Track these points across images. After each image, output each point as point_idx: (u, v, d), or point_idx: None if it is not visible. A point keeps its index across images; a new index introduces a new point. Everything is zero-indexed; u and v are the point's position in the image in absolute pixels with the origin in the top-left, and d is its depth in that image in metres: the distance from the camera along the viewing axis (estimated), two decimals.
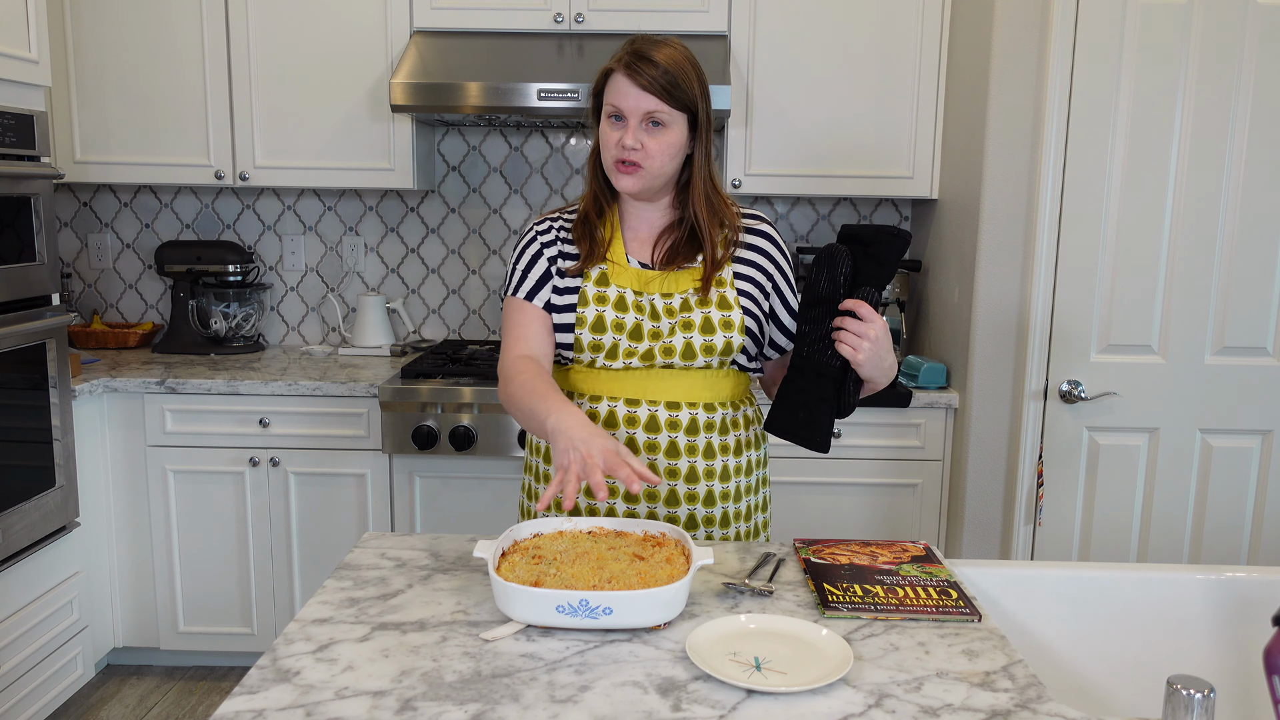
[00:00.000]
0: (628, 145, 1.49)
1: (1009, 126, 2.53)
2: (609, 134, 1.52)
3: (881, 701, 1.05)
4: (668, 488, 1.56)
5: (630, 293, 1.55)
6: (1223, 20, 2.43)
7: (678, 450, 1.56)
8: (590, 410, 1.56)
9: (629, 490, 1.32)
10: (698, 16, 2.85)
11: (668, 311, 1.55)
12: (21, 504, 2.42)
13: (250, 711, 1.01)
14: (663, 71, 1.48)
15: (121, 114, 2.95)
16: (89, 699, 2.79)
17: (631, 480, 1.27)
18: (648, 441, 1.55)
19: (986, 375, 2.63)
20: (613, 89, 1.51)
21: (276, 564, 2.83)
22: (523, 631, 1.19)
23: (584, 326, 1.53)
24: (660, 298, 1.55)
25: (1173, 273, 2.54)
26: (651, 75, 1.47)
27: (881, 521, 2.78)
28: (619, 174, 1.52)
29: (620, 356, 1.53)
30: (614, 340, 1.53)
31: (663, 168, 1.52)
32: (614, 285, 1.55)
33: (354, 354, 3.19)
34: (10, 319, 2.38)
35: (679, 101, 1.50)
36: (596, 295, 1.54)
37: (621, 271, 1.56)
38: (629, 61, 1.49)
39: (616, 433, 1.55)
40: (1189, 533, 2.64)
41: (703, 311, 1.54)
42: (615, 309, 1.54)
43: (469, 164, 3.29)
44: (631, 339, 1.53)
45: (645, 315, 1.54)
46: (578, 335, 1.54)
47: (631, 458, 1.31)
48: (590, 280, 1.55)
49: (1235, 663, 1.40)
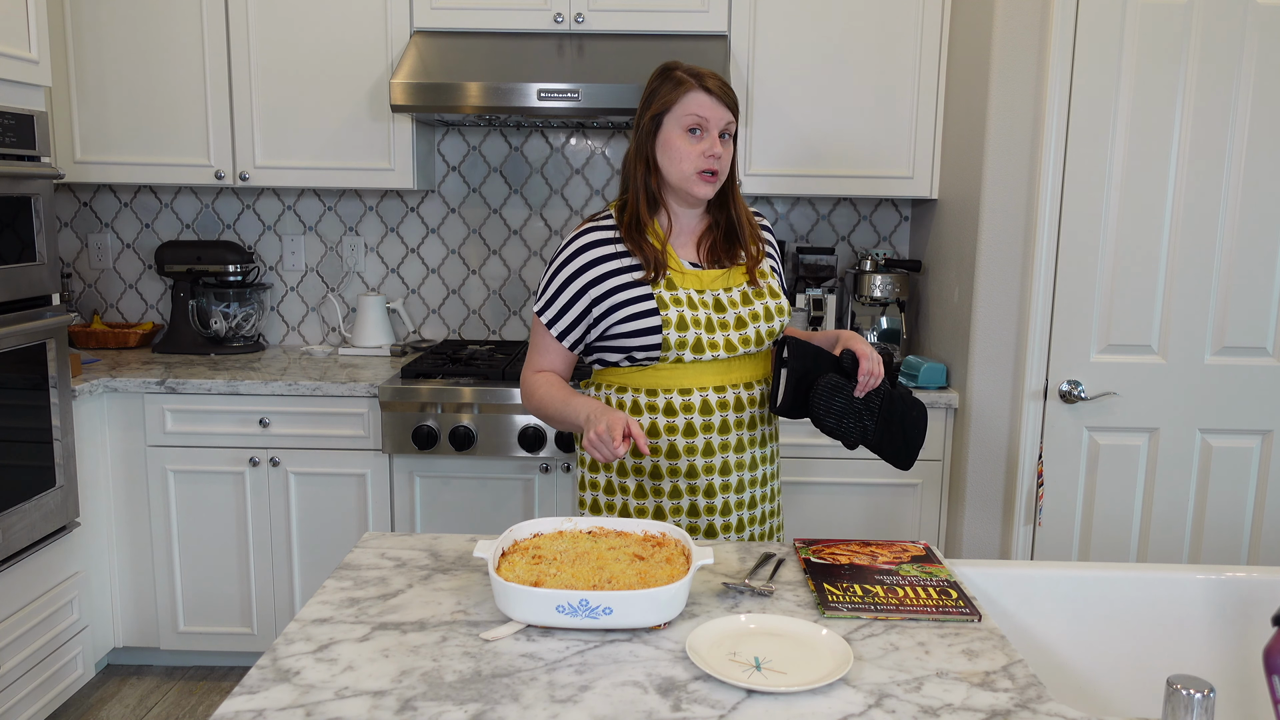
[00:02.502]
0: (717, 154, 1.66)
1: (1009, 126, 2.53)
2: (687, 146, 1.66)
3: (881, 701, 1.05)
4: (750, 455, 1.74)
5: (694, 292, 1.70)
6: (1223, 20, 2.43)
7: (755, 422, 1.75)
8: (685, 403, 1.69)
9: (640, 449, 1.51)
10: (698, 16, 2.85)
11: (731, 304, 1.71)
12: (21, 504, 2.42)
13: (250, 711, 1.01)
14: (732, 90, 1.69)
15: (121, 114, 2.95)
16: (89, 699, 2.79)
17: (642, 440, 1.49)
18: (736, 419, 1.71)
19: (986, 375, 2.63)
20: (693, 103, 1.66)
21: (276, 564, 2.83)
22: (523, 631, 1.19)
23: (670, 327, 1.66)
24: (723, 293, 1.71)
25: (1173, 273, 2.54)
26: (726, 92, 1.67)
27: (881, 521, 2.78)
28: (701, 182, 1.67)
29: (706, 349, 1.67)
30: (696, 335, 1.67)
31: (728, 172, 1.73)
32: (680, 288, 1.69)
33: (354, 354, 3.19)
34: (10, 319, 2.38)
35: (736, 112, 1.70)
36: (672, 298, 1.68)
37: (681, 275, 1.70)
38: (704, 79, 1.67)
39: (711, 418, 1.70)
40: (1189, 533, 2.64)
41: (761, 302, 1.73)
42: (689, 308, 1.68)
43: (469, 164, 3.29)
44: (709, 332, 1.68)
45: (711, 309, 1.69)
46: (665, 336, 1.66)
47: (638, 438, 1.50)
48: (661, 286, 1.69)
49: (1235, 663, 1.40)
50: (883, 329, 3.09)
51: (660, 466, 1.71)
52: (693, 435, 1.70)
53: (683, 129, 1.66)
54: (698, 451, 1.71)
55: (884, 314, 3.08)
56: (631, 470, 1.73)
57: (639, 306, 1.67)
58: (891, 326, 3.08)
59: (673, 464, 1.71)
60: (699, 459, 1.71)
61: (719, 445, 1.71)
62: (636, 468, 1.73)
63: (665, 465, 1.71)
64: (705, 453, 1.71)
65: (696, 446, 1.71)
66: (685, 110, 1.66)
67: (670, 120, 1.67)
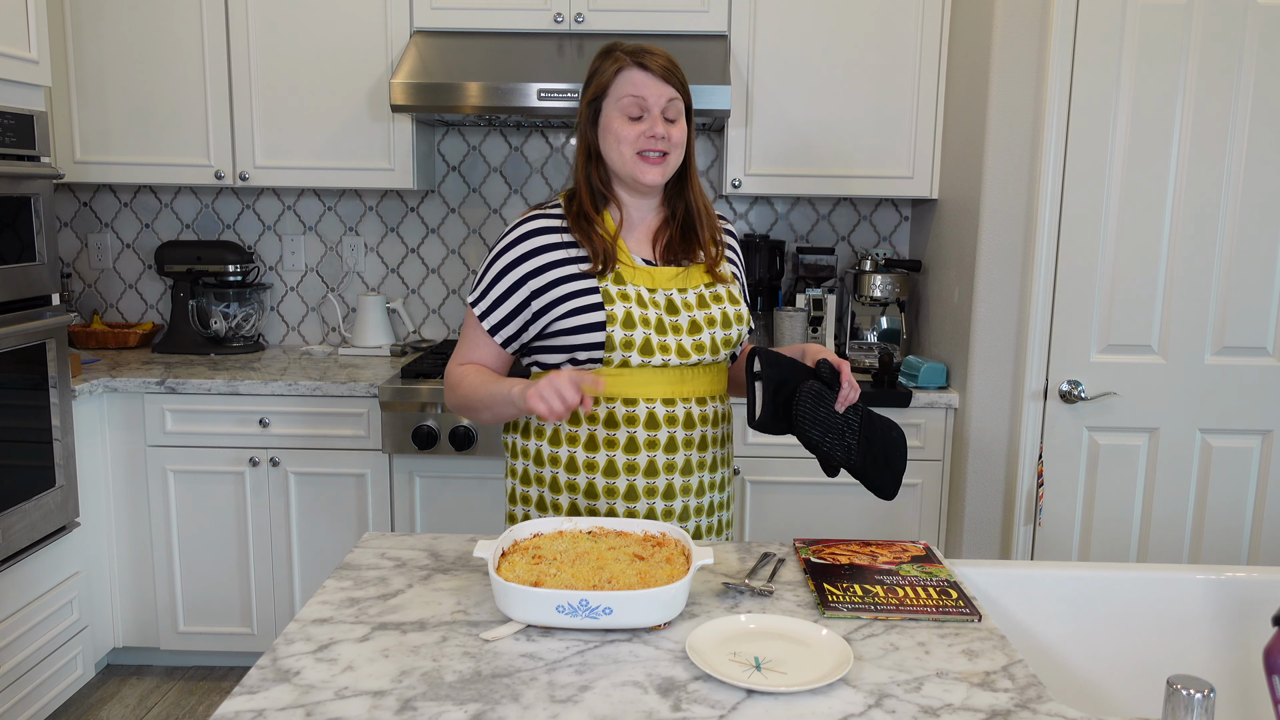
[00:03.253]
0: (658, 134, 1.51)
1: (1009, 126, 2.53)
2: (627, 128, 1.52)
3: (881, 701, 1.05)
4: (698, 479, 1.60)
5: (644, 290, 1.55)
6: (1223, 20, 2.43)
7: (706, 443, 1.61)
8: (628, 414, 1.54)
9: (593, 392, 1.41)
10: (698, 16, 2.85)
11: (685, 306, 1.56)
12: (21, 504, 2.42)
13: (250, 711, 1.01)
14: (673, 63, 1.54)
15: (121, 114, 2.95)
16: (89, 699, 2.79)
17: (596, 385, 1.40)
18: (685, 438, 1.57)
19: (986, 375, 2.63)
20: (627, 82, 1.52)
21: (276, 564, 2.83)
22: (523, 631, 1.19)
23: (615, 324, 1.51)
24: (677, 293, 1.57)
25: (1173, 273, 2.54)
26: (665, 66, 1.52)
27: (881, 521, 2.78)
28: (646, 166, 1.53)
29: (656, 352, 1.53)
30: (645, 335, 1.52)
31: (678, 159, 1.56)
32: (629, 284, 1.55)
33: (354, 354, 3.19)
34: (10, 319, 2.38)
35: (685, 91, 1.55)
36: (619, 293, 1.53)
37: (631, 270, 1.56)
38: (638, 57, 1.53)
39: (657, 434, 1.55)
40: (1189, 533, 2.64)
41: (719, 307, 1.59)
42: (638, 305, 1.53)
43: (469, 164, 3.29)
44: (659, 334, 1.53)
45: (663, 310, 1.55)
46: (610, 334, 1.51)
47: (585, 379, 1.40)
48: (608, 279, 1.54)
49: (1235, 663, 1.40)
50: (883, 329, 3.09)
51: (596, 485, 1.56)
52: (634, 452, 1.54)
53: (621, 111, 1.52)
54: (639, 470, 1.55)
55: (884, 314, 3.08)
56: (565, 487, 1.58)
57: (582, 300, 1.53)
58: (891, 326, 3.08)
59: (609, 483, 1.55)
60: (639, 479, 1.55)
61: (663, 465, 1.55)
62: (570, 484, 1.57)
63: (601, 484, 1.56)
64: (648, 472, 1.55)
65: (638, 465, 1.55)
66: (621, 91, 1.52)
67: (608, 103, 1.54)
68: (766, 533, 2.78)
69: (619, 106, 1.53)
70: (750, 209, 3.28)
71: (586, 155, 1.58)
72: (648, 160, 1.53)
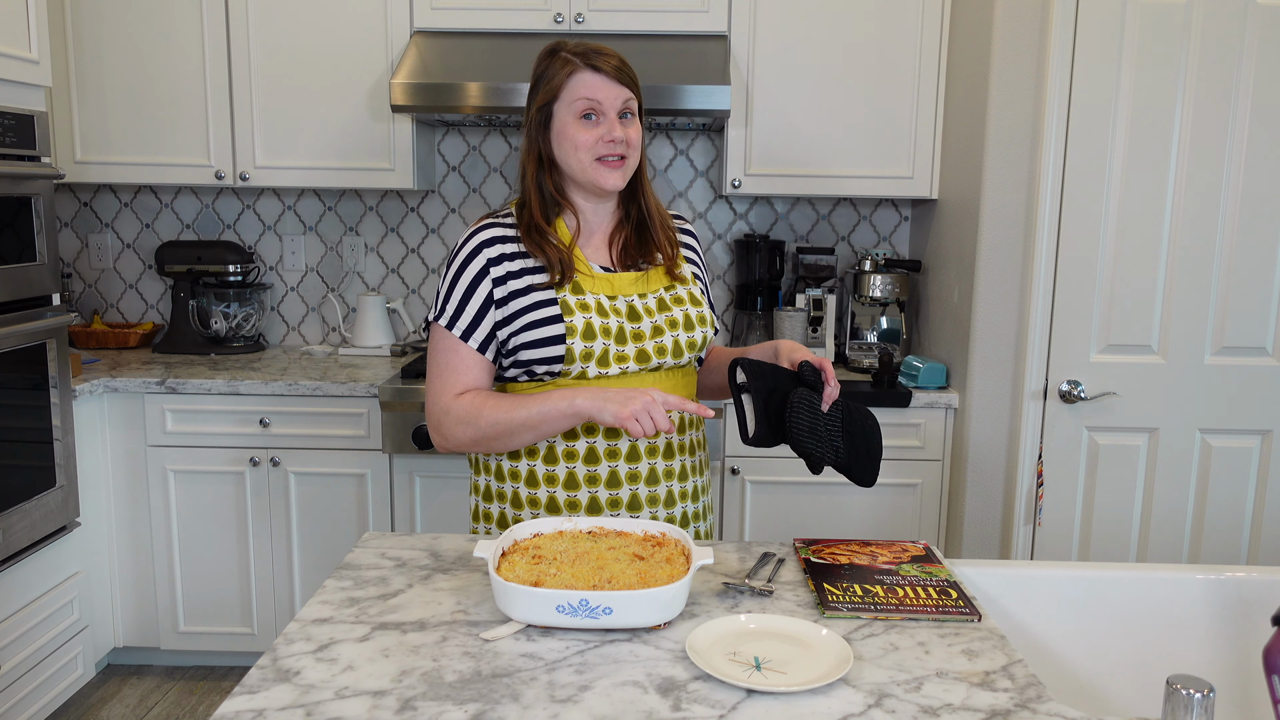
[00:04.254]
0: (616, 137, 1.48)
1: (1009, 126, 2.53)
2: (583, 133, 1.48)
3: (881, 701, 1.05)
4: (666, 489, 1.57)
5: (605, 298, 1.51)
6: (1223, 20, 2.43)
7: (672, 451, 1.57)
8: (587, 425, 1.50)
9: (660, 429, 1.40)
10: (698, 16, 2.85)
11: (646, 311, 1.53)
12: (22, 504, 2.42)
13: (250, 711, 1.01)
14: (622, 61, 1.50)
15: (121, 114, 2.95)
16: (89, 699, 2.79)
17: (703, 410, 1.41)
18: (649, 446, 1.54)
19: (986, 375, 2.63)
20: (580, 85, 1.47)
21: (276, 564, 2.83)
22: (523, 631, 1.19)
23: (575, 335, 1.46)
24: (637, 299, 1.54)
25: (1173, 273, 2.54)
26: (617, 66, 1.48)
27: (881, 521, 2.78)
28: (607, 171, 1.49)
29: (613, 362, 1.49)
30: (604, 346, 1.48)
31: (637, 158, 1.53)
32: (589, 293, 1.50)
33: (354, 354, 3.19)
34: (10, 319, 2.38)
35: (636, 89, 1.52)
36: (579, 304, 1.48)
37: (589, 278, 1.52)
38: (588, 58, 1.48)
39: (617, 444, 1.51)
40: (1189, 533, 2.64)
41: (681, 309, 1.56)
42: (598, 314, 1.49)
43: (469, 164, 3.29)
44: (618, 343, 1.49)
45: (624, 318, 1.51)
46: (570, 346, 1.46)
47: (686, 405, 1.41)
48: (566, 290, 1.49)
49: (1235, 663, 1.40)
50: (883, 329, 3.09)
51: (557, 499, 1.52)
52: (595, 463, 1.51)
53: (575, 115, 1.47)
54: (600, 482, 1.51)
55: (884, 314, 3.08)
56: (527, 502, 1.54)
57: (540, 313, 1.47)
58: (891, 326, 3.08)
59: (571, 496, 1.51)
60: (601, 490, 1.51)
61: (626, 476, 1.52)
62: (531, 499, 1.53)
63: (563, 497, 1.52)
64: (610, 484, 1.51)
65: (599, 476, 1.51)
66: (574, 94, 1.47)
67: (560, 107, 1.48)
68: (766, 533, 2.78)
69: (572, 110, 1.48)
70: (750, 209, 3.28)
71: (538, 162, 1.52)
72: (608, 165, 1.49)
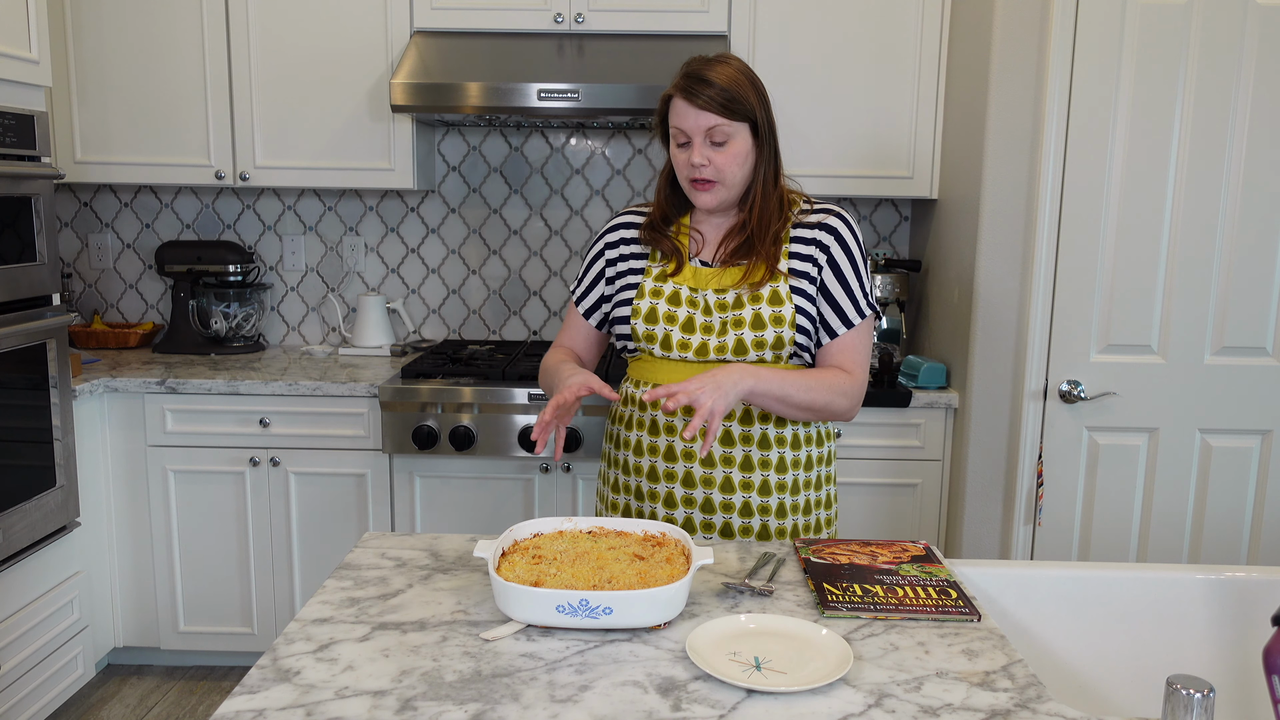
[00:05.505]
0: (696, 163, 1.58)
1: (1009, 126, 2.53)
2: (678, 156, 1.62)
3: (881, 701, 1.05)
4: (723, 475, 1.64)
5: (686, 288, 1.64)
6: (1223, 20, 2.43)
7: (733, 440, 1.64)
8: (667, 423, 1.65)
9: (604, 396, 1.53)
10: (698, 16, 2.85)
11: (720, 307, 1.62)
12: (22, 504, 2.42)
13: (250, 711, 1.01)
14: (719, 90, 1.55)
15: (121, 114, 2.95)
16: (89, 699, 2.79)
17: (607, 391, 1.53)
18: (724, 455, 1.64)
19: (986, 375, 2.63)
20: (674, 113, 1.60)
21: (276, 564, 2.83)
22: (523, 631, 1.19)
23: (638, 317, 1.64)
24: (714, 293, 1.63)
25: (1172, 273, 2.54)
26: (708, 95, 1.55)
27: (881, 521, 2.78)
28: (697, 192, 1.62)
29: (675, 348, 1.62)
30: (665, 331, 1.62)
31: (735, 177, 1.60)
32: (671, 281, 1.65)
33: (354, 354, 3.19)
34: (11, 319, 2.38)
35: (737, 114, 1.57)
36: (653, 289, 1.65)
37: (682, 269, 1.66)
38: (685, 85, 1.58)
39: (674, 420, 1.65)
40: (1189, 533, 2.64)
41: (754, 308, 1.60)
42: (669, 302, 1.64)
43: (469, 164, 3.29)
44: (684, 331, 1.62)
45: (699, 310, 1.63)
46: (633, 325, 1.65)
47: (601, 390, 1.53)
48: (651, 275, 1.67)
49: (1235, 663, 1.40)
50: (883, 329, 3.09)
51: (628, 462, 1.72)
52: (656, 435, 1.67)
53: (673, 139, 1.62)
54: (659, 453, 1.67)
55: (884, 314, 3.08)
56: (614, 463, 1.75)
57: (628, 294, 1.68)
58: (891, 326, 3.08)
59: (637, 461, 1.70)
60: (660, 462, 1.66)
61: (681, 453, 1.65)
62: (615, 459, 1.74)
63: (632, 461, 1.71)
64: (667, 457, 1.66)
65: (658, 447, 1.67)
66: (670, 121, 1.61)
67: (669, 128, 1.64)
68: None
69: (671, 134, 1.62)
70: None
71: (668, 173, 1.69)
72: (698, 186, 1.61)
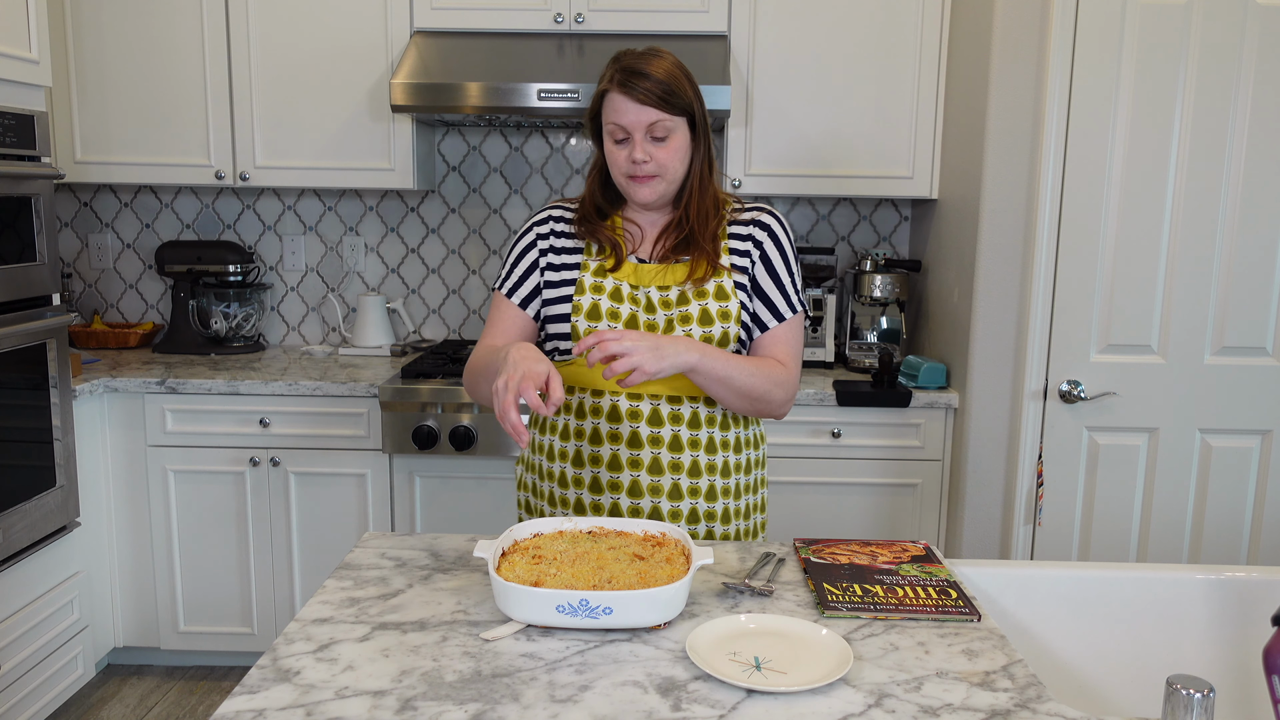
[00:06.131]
0: (638, 160, 1.51)
1: (1009, 126, 2.53)
2: (615, 152, 1.54)
3: (881, 701, 1.05)
4: (651, 456, 1.55)
5: (626, 285, 1.56)
6: (1223, 20, 2.43)
7: (680, 445, 1.56)
8: (593, 405, 1.56)
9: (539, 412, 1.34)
10: (698, 16, 2.85)
11: (664, 304, 1.55)
12: (22, 504, 2.42)
13: (250, 711, 1.01)
14: (657, 82, 1.50)
15: (121, 114, 2.95)
16: (89, 699, 2.79)
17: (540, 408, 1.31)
18: (651, 435, 1.55)
19: (986, 375, 2.63)
20: (611, 108, 1.52)
21: (276, 564, 2.83)
22: (523, 631, 1.19)
23: (580, 314, 1.55)
24: (656, 290, 1.56)
25: (1173, 273, 2.54)
26: (646, 88, 1.49)
27: (881, 521, 2.78)
28: (635, 186, 1.54)
29: None
30: (609, 329, 1.49)
31: (676, 172, 1.55)
32: (610, 277, 1.57)
33: (354, 354, 3.19)
34: (11, 319, 2.38)
35: (676, 107, 1.52)
36: (593, 285, 1.56)
37: (621, 265, 1.58)
38: (622, 79, 1.50)
39: (619, 427, 1.55)
40: (1189, 533, 2.64)
41: (700, 304, 1.55)
42: (611, 299, 1.55)
43: (469, 164, 3.29)
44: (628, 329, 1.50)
45: (640, 308, 1.55)
46: (574, 323, 1.55)
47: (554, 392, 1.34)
48: (588, 271, 1.57)
49: (1235, 663, 1.40)
50: (883, 329, 3.09)
51: (566, 474, 1.60)
52: (598, 444, 1.56)
53: (609, 134, 1.54)
54: (602, 463, 1.56)
55: (884, 314, 3.08)
56: (545, 475, 1.63)
57: (564, 290, 1.58)
58: (891, 326, 3.08)
59: (577, 473, 1.58)
60: (603, 471, 1.56)
61: (627, 461, 1.55)
62: (548, 472, 1.62)
63: (570, 473, 1.59)
64: (611, 466, 1.55)
65: (601, 457, 1.55)
66: (607, 116, 1.53)
67: (603, 122, 1.55)
68: (767, 533, 2.78)
69: (607, 129, 1.54)
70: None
71: (599, 167, 1.61)
72: (637, 181, 1.54)
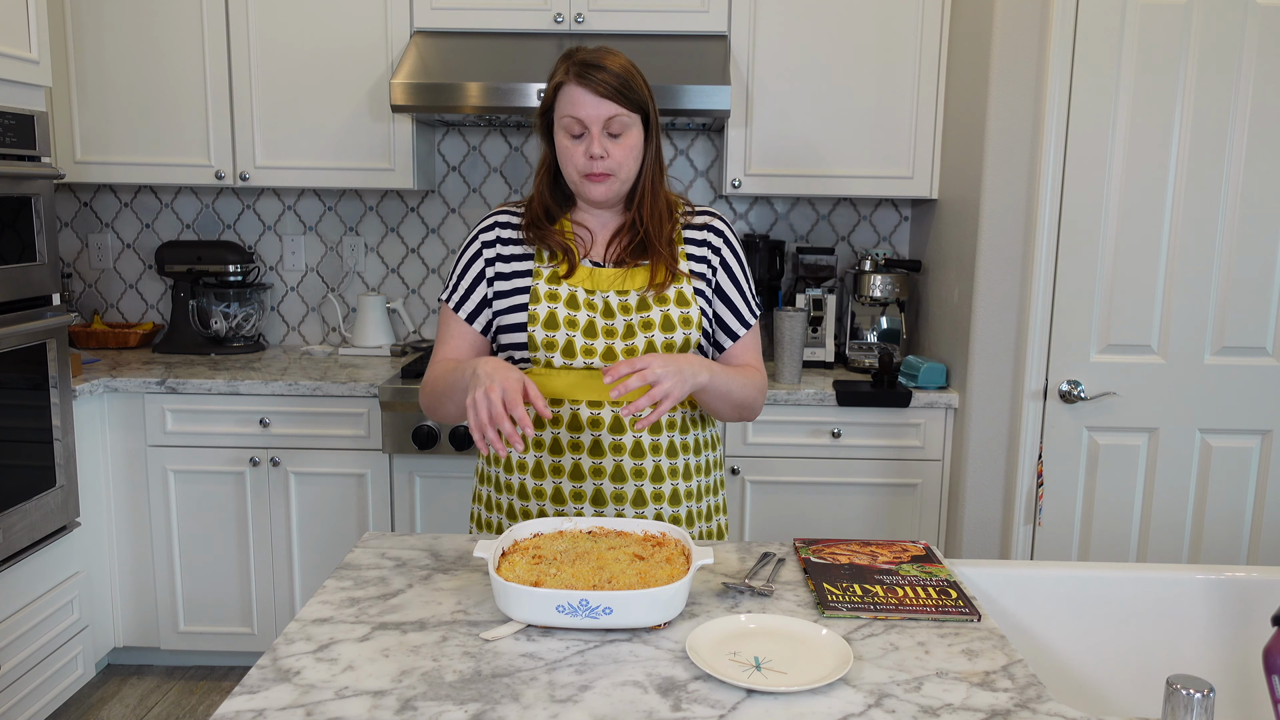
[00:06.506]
0: (595, 154, 1.48)
1: (1009, 126, 2.53)
2: (570, 148, 1.50)
3: (881, 701, 1.05)
4: (613, 464, 1.54)
5: (582, 291, 1.53)
6: (1223, 20, 2.43)
7: (642, 451, 1.55)
8: (553, 415, 1.52)
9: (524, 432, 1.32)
10: (698, 16, 2.85)
11: (623, 309, 1.52)
12: (22, 504, 2.42)
13: (250, 711, 1.01)
14: (614, 75, 1.47)
15: (121, 114, 2.95)
16: (89, 699, 2.79)
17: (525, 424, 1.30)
18: (613, 443, 1.53)
19: (986, 375, 2.63)
20: (568, 100, 1.48)
21: (276, 564, 2.83)
22: (523, 631, 1.19)
23: (536, 324, 1.51)
24: (615, 295, 1.53)
25: (1172, 273, 2.54)
26: (604, 79, 1.46)
27: (881, 521, 2.78)
28: (589, 184, 1.51)
29: (579, 354, 1.51)
30: (568, 337, 1.50)
31: (630, 170, 1.52)
32: (565, 284, 1.52)
33: (354, 354, 3.19)
34: (11, 319, 2.38)
35: (633, 104, 1.49)
36: (548, 292, 1.52)
37: (575, 270, 1.54)
38: (579, 72, 1.47)
39: (580, 436, 1.52)
40: (1189, 532, 2.64)
41: (662, 309, 1.52)
42: (567, 306, 1.51)
43: (469, 164, 3.29)
44: (586, 336, 1.51)
45: (598, 313, 1.52)
46: (531, 333, 1.51)
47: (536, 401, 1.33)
48: (542, 278, 1.53)
49: (1235, 663, 1.40)
50: (883, 329, 3.09)
51: (526, 486, 1.56)
52: (559, 454, 1.53)
53: (564, 129, 1.49)
54: (564, 473, 1.53)
55: (884, 314, 3.08)
56: (504, 488, 1.59)
57: (517, 299, 1.53)
58: (891, 326, 3.08)
59: (538, 485, 1.55)
60: (565, 482, 1.53)
61: (589, 470, 1.51)
62: (506, 485, 1.58)
63: (531, 485, 1.55)
64: (573, 476, 1.52)
65: (563, 468, 1.53)
66: (562, 110, 1.48)
67: (556, 117, 1.50)
68: (766, 533, 2.78)
69: (562, 124, 1.50)
70: (750, 209, 3.28)
71: (547, 166, 1.56)
72: (592, 179, 1.50)
